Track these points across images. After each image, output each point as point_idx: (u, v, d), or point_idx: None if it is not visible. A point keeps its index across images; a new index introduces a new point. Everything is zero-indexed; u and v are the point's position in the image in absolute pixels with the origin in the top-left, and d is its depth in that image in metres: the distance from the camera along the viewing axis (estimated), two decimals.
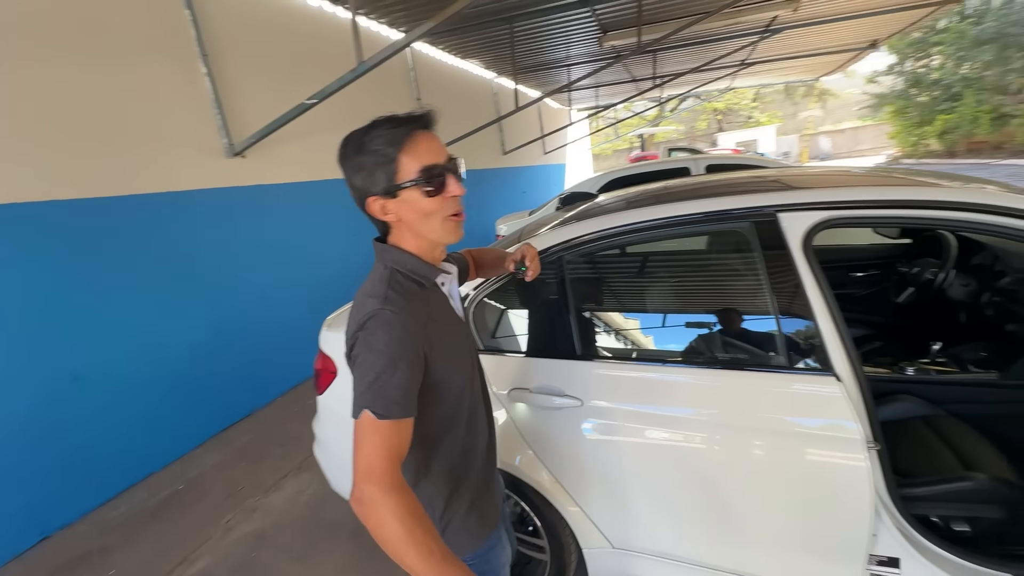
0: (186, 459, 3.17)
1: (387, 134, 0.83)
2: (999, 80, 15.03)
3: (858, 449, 1.18)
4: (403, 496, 0.73)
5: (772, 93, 29.38)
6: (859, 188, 1.37)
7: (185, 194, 3.29)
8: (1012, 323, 1.77)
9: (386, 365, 0.77)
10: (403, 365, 0.78)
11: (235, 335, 3.60)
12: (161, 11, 3.24)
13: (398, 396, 0.77)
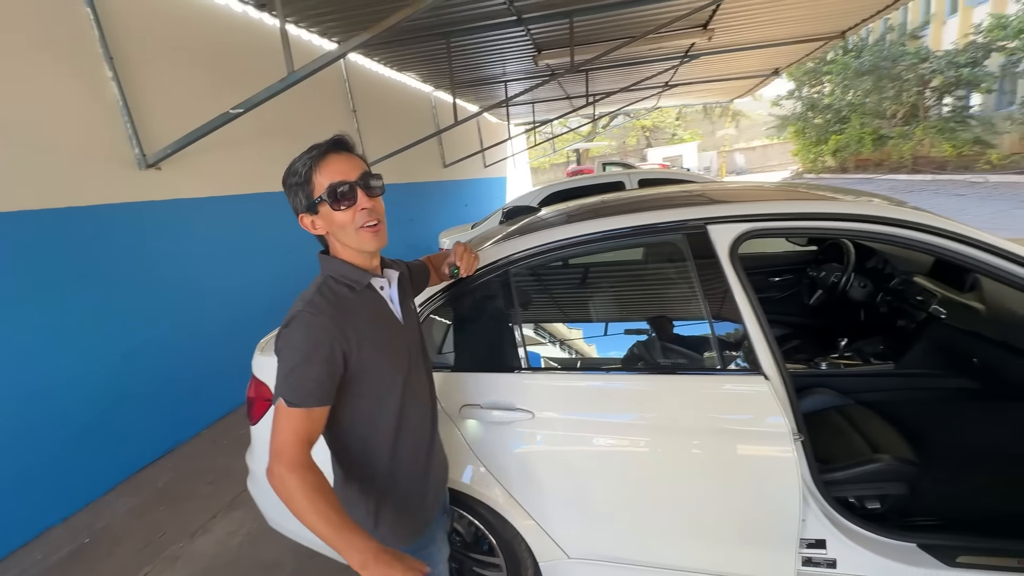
0: (93, 507, 2.80)
1: (306, 158, 0.95)
2: (877, 106, 17.27)
3: (786, 441, 1.29)
4: (307, 473, 0.85)
5: (693, 113, 31.76)
6: (776, 202, 1.52)
7: (88, 209, 2.96)
8: (902, 319, 2.02)
9: (300, 360, 0.89)
10: (317, 360, 0.89)
11: (151, 364, 3.26)
12: (57, 8, 2.92)
13: (310, 388, 0.88)
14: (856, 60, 17.01)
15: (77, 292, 2.87)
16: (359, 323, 0.95)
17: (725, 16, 6.17)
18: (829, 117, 19.54)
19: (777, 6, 6.08)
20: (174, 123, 3.48)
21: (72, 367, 2.82)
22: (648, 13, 5.72)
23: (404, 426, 1.04)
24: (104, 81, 3.13)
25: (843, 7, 6.43)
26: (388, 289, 1.07)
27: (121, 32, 3.27)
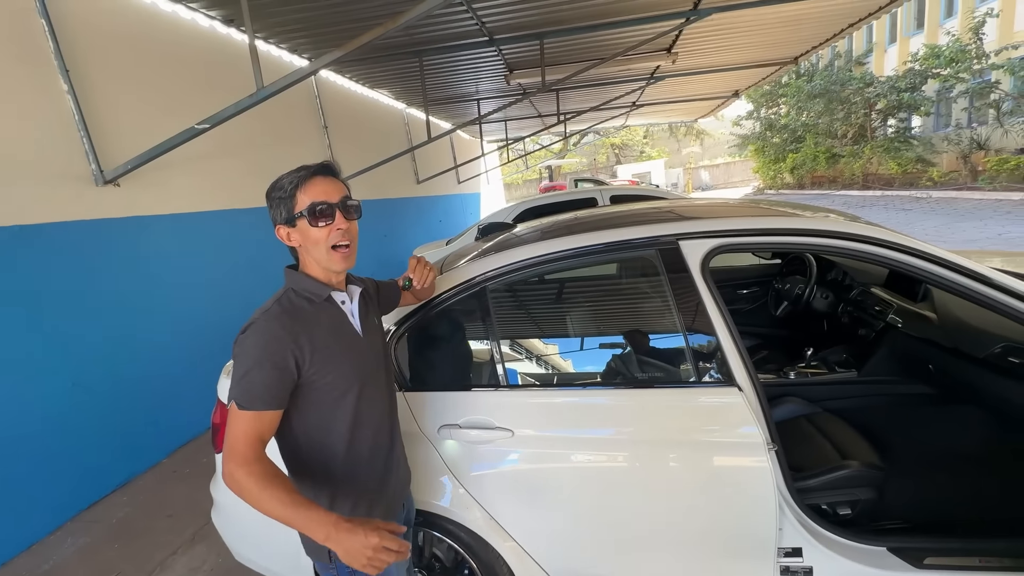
0: (37, 548, 2.58)
1: (294, 176, 1.02)
2: (829, 126, 18.38)
3: (760, 451, 1.31)
4: (257, 465, 0.89)
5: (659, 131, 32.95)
6: (745, 218, 1.58)
7: (36, 228, 2.80)
8: (863, 328, 2.11)
9: (252, 365, 0.94)
10: (268, 366, 0.94)
11: (105, 390, 3.07)
12: (8, 18, 2.79)
13: (260, 392, 0.93)
14: (808, 84, 18.10)
15: (25, 314, 2.69)
16: (315, 333, 1.01)
17: (687, 41, 6.47)
18: (786, 137, 20.64)
19: (735, 33, 6.42)
20: (135, 138, 3.35)
21: (16, 394, 2.62)
22: (615, 36, 5.94)
23: (357, 437, 1.08)
24: (59, 94, 3.00)
25: (795, 35, 6.85)
26: (349, 304, 1.12)
27: (79, 44, 3.15)
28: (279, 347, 0.95)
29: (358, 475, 1.09)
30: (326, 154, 6.17)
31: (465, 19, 4.88)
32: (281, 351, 0.94)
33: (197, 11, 4.11)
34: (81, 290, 3.00)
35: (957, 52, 12.80)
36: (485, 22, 5.01)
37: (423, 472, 1.49)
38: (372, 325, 1.17)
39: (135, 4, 3.63)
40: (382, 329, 1.25)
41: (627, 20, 5.32)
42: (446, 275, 1.61)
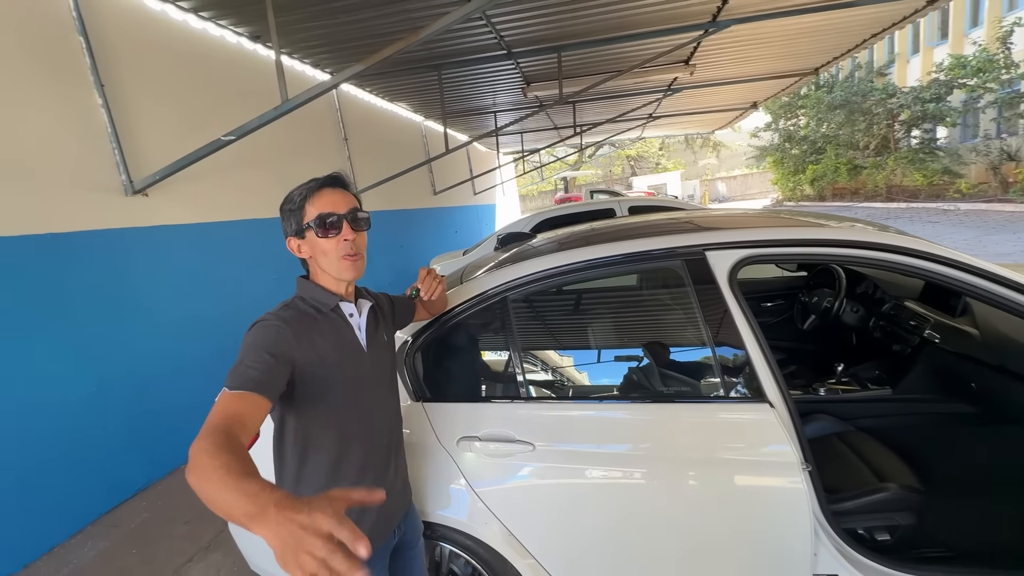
0: (58, 551, 2.61)
1: (303, 188, 1.05)
2: (850, 138, 18.06)
3: (794, 471, 1.25)
4: (215, 435, 0.75)
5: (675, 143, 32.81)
6: (773, 229, 1.53)
7: (69, 236, 2.88)
8: (897, 343, 2.03)
9: (248, 352, 0.93)
10: (264, 354, 0.92)
11: (127, 396, 3.12)
12: (49, 36, 2.92)
13: (249, 375, 0.88)
14: (828, 95, 17.85)
15: (55, 319, 2.76)
16: (316, 339, 1.01)
17: (706, 53, 6.45)
18: (805, 148, 20.34)
19: (754, 44, 6.38)
20: (163, 150, 3.46)
21: (42, 397, 2.68)
22: (633, 49, 5.95)
23: (348, 451, 1.07)
24: (94, 108, 3.11)
25: (816, 46, 6.77)
26: (357, 317, 1.12)
27: (113, 60, 3.27)
28: (278, 339, 0.96)
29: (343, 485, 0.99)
30: (346, 166, 6.28)
31: (484, 33, 4.94)
32: (279, 343, 0.95)
33: (226, 28, 4.25)
34: (107, 297, 3.07)
35: (984, 62, 12.52)
36: (504, 36, 5.08)
37: (440, 484, 1.47)
38: (380, 341, 1.17)
39: (168, 21, 3.76)
40: (392, 346, 1.24)
41: (645, 33, 5.33)
42: (466, 285, 1.60)
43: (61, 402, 2.76)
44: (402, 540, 1.24)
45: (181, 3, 3.77)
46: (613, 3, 4.51)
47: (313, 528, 0.56)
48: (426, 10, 4.17)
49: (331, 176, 1.06)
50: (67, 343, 2.82)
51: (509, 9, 4.45)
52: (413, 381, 1.54)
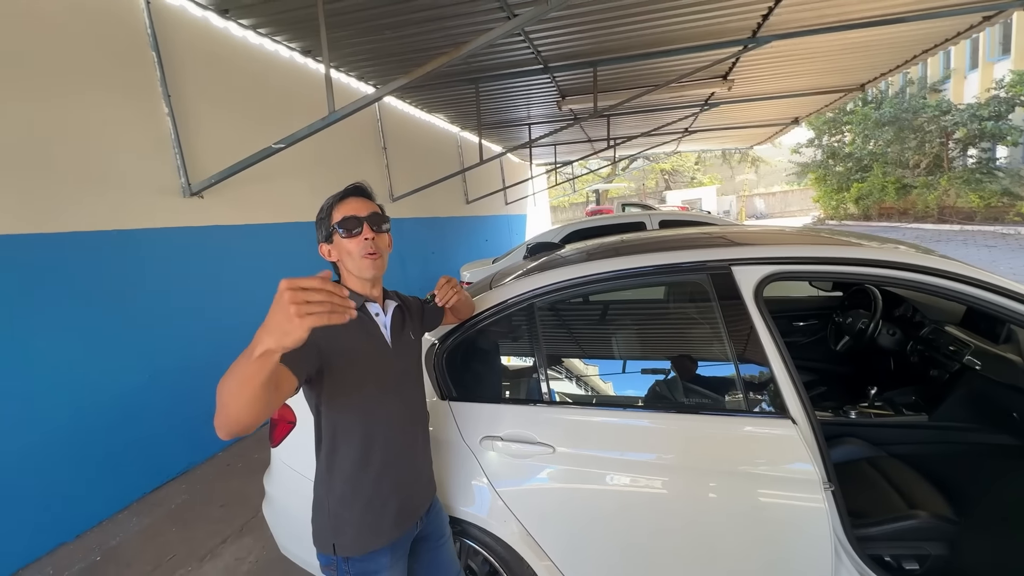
0: (106, 525, 2.81)
1: (331, 198, 1.18)
2: (900, 156, 17.29)
3: (816, 490, 1.25)
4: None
5: (712, 157, 32.23)
6: (801, 246, 1.53)
7: (132, 232, 3.13)
8: (935, 369, 1.96)
9: None
10: None
11: (174, 383, 3.33)
12: (126, 50, 3.21)
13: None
14: (876, 111, 17.19)
15: (117, 309, 3.00)
16: (342, 334, 1.08)
17: (745, 68, 6.38)
18: (851, 165, 19.58)
19: (796, 60, 6.27)
20: (219, 155, 3.72)
21: (103, 382, 2.91)
22: (670, 64, 5.96)
23: (374, 441, 1.15)
24: (161, 116, 3.39)
25: (862, 62, 6.59)
26: (383, 316, 1.22)
27: (179, 72, 3.56)
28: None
29: (370, 477, 1.14)
30: (383, 174, 6.52)
31: (522, 48, 5.08)
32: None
33: (280, 43, 4.53)
34: (163, 289, 3.31)
35: None
36: (540, 51, 5.19)
37: (463, 480, 1.52)
38: (406, 339, 1.26)
39: (229, 36, 4.05)
40: (418, 345, 1.32)
41: (682, 48, 5.33)
42: (494, 291, 1.67)
43: (118, 387, 2.99)
44: (424, 532, 1.30)
45: (242, 21, 4.05)
46: (650, 20, 4.55)
47: (280, 301, 0.73)
48: (467, 27, 4.34)
49: (354, 186, 1.19)
50: (128, 332, 3.06)
51: (547, 25, 4.56)
52: (440, 380, 1.61)
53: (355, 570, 1.14)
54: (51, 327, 2.67)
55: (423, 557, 1.31)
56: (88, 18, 2.98)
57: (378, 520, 1.16)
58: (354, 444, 1.14)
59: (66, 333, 2.74)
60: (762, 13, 4.59)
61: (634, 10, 4.32)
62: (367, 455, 1.15)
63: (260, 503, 1.91)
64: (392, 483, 1.18)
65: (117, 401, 2.98)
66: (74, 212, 2.82)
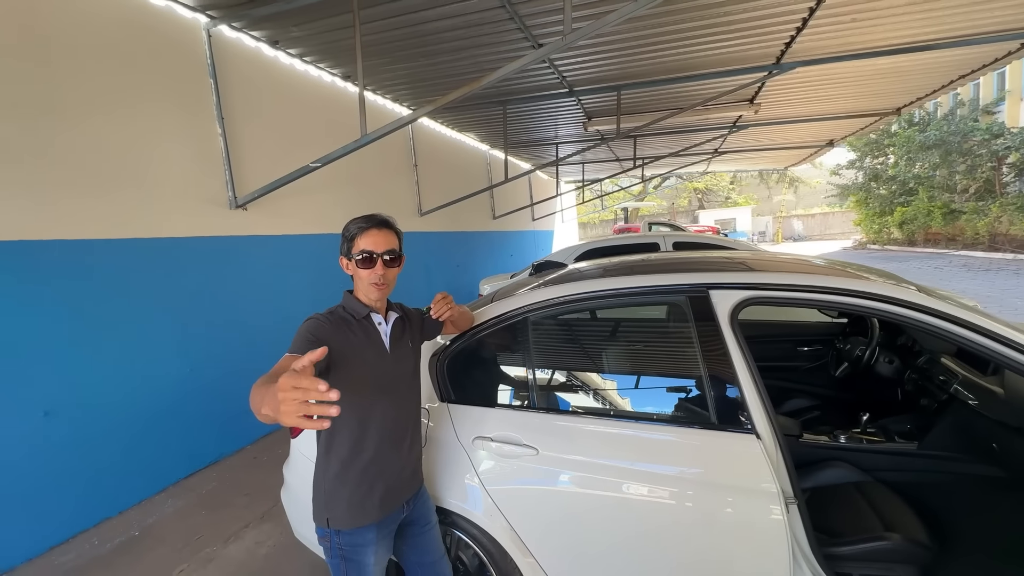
0: (145, 504, 3.09)
1: (360, 224, 1.35)
2: (947, 180, 16.56)
3: (775, 502, 1.33)
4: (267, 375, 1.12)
5: (748, 177, 31.60)
6: (779, 273, 1.63)
7: (183, 240, 3.48)
8: (925, 398, 1.98)
9: (301, 335, 1.27)
10: (311, 336, 1.25)
11: (210, 378, 3.64)
12: (188, 77, 3.61)
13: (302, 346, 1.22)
14: (921, 134, 16.58)
15: (166, 308, 3.33)
16: (349, 336, 1.31)
17: (772, 92, 6.40)
18: (894, 188, 18.86)
19: (825, 84, 6.24)
20: (262, 171, 4.07)
21: (149, 374, 3.23)
22: (693, 88, 6.06)
23: (367, 432, 1.32)
24: (215, 136, 3.77)
25: (896, 86, 6.49)
26: (384, 325, 1.40)
27: (232, 96, 3.95)
28: (321, 329, 1.27)
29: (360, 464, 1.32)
30: (414, 190, 6.85)
31: (547, 73, 5.31)
32: (321, 331, 1.27)
33: (323, 70, 4.93)
34: (204, 291, 3.64)
35: None
36: (565, 76, 5.41)
37: (457, 476, 1.67)
38: (404, 346, 1.43)
39: (276, 64, 4.45)
40: (416, 353, 1.50)
41: (704, 74, 5.44)
42: (494, 304, 1.83)
43: (164, 379, 3.31)
44: (409, 517, 1.46)
45: (290, 50, 4.45)
46: (671, 47, 4.69)
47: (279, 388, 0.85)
48: (494, 55, 4.60)
49: (381, 220, 1.37)
50: (175, 329, 3.38)
51: (571, 53, 4.78)
52: (441, 384, 1.78)
53: (345, 542, 1.32)
54: (110, 322, 3.01)
55: (410, 540, 1.46)
56: (158, 49, 3.39)
57: (365, 500, 1.33)
58: (349, 434, 1.32)
59: (122, 328, 3.07)
60: (784, 41, 4.67)
61: (655, 39, 4.48)
62: (359, 444, 1.33)
63: (280, 492, 2.10)
64: (379, 471, 1.35)
65: (161, 392, 3.30)
66: (138, 220, 3.19)
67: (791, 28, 4.36)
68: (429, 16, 3.83)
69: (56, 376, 2.74)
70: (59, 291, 2.77)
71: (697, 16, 4.04)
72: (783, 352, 2.83)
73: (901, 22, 4.32)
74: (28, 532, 2.60)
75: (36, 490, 2.63)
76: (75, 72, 2.91)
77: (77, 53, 2.92)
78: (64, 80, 2.85)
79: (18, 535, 2.55)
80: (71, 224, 2.85)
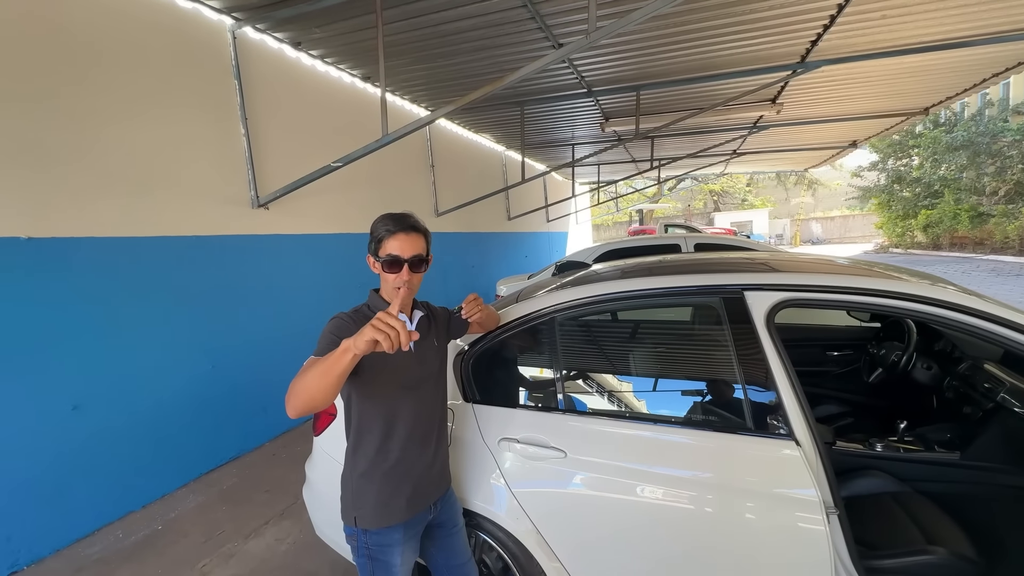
0: (168, 499, 3.13)
1: (389, 226, 1.32)
2: (975, 182, 16.07)
3: (816, 511, 1.28)
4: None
5: (765, 179, 31.13)
6: (816, 274, 1.57)
7: (206, 238, 3.53)
8: (968, 406, 1.90)
9: (325, 336, 1.27)
10: (335, 338, 1.21)
11: (233, 376, 3.68)
12: (214, 77, 3.66)
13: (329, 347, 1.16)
14: (947, 135, 16.13)
15: (183, 306, 3.38)
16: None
17: (795, 91, 6.27)
18: (919, 191, 18.37)
19: (850, 84, 6.10)
20: (284, 171, 4.12)
21: (173, 371, 3.27)
22: (714, 88, 5.97)
23: (393, 431, 1.32)
24: (238, 137, 3.81)
25: (923, 86, 6.32)
26: (409, 324, 1.36)
27: (255, 97, 4.00)
28: (344, 330, 1.25)
29: (387, 463, 1.32)
30: (431, 190, 6.87)
31: (566, 73, 5.28)
32: (345, 332, 1.22)
33: (344, 71, 4.97)
34: (226, 289, 3.68)
35: None
36: (584, 75, 5.37)
37: (482, 477, 1.65)
38: (429, 345, 1.42)
39: (299, 65, 4.50)
40: (442, 351, 1.48)
41: (726, 74, 5.35)
42: (520, 304, 1.81)
43: (187, 376, 3.35)
44: (437, 519, 1.44)
45: (312, 52, 4.50)
46: (693, 46, 4.63)
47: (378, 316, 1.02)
48: (514, 55, 4.59)
49: (410, 224, 1.33)
50: (196, 326, 3.43)
51: (590, 52, 4.74)
52: (465, 384, 1.76)
53: (372, 541, 1.31)
54: (135, 319, 3.06)
55: (439, 541, 1.44)
56: (185, 52, 3.44)
57: (392, 500, 1.32)
58: (376, 432, 1.32)
59: (146, 324, 3.12)
60: (811, 39, 4.57)
61: (677, 37, 4.42)
62: (386, 443, 1.32)
63: (299, 491, 2.10)
64: (406, 470, 1.34)
65: (184, 387, 3.34)
66: (163, 219, 3.24)
67: (818, 25, 4.26)
68: (450, 16, 3.83)
69: (85, 371, 2.80)
70: (89, 288, 2.83)
71: (722, 13, 3.97)
72: (812, 356, 2.75)
73: (934, 18, 4.19)
74: (56, 523, 2.64)
75: (64, 482, 2.68)
76: (107, 76, 2.97)
77: (109, 59, 2.98)
78: (97, 84, 2.91)
79: (47, 526, 2.60)
80: (100, 222, 2.90)
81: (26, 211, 2.58)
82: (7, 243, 2.50)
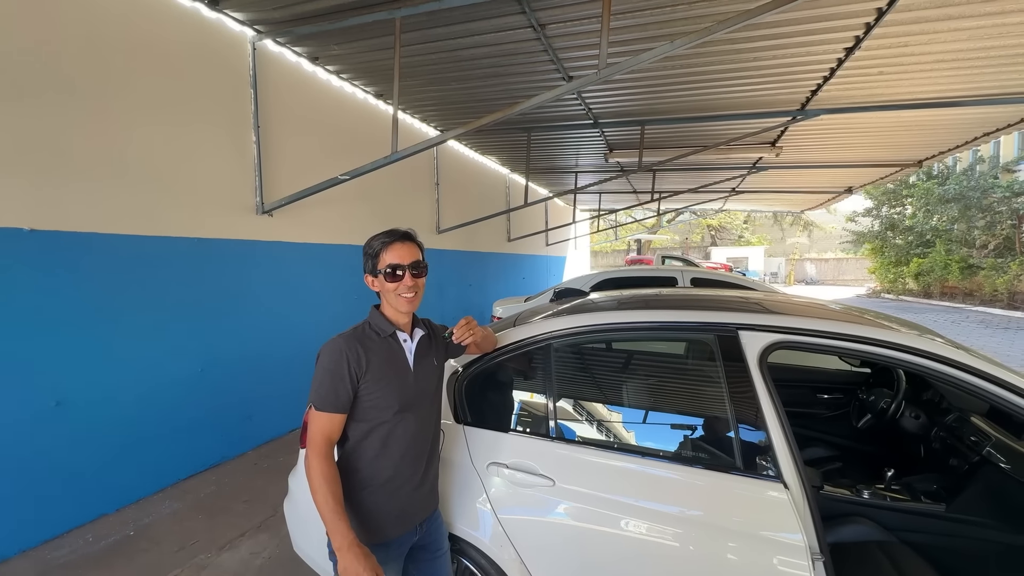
0: (143, 503, 3.06)
1: (383, 240, 1.35)
2: (966, 234, 16.43)
3: (801, 557, 1.28)
4: (326, 463, 1.23)
5: (762, 218, 31.66)
6: (810, 318, 1.60)
7: (206, 241, 3.54)
8: (954, 458, 1.91)
9: (323, 374, 1.27)
10: (336, 375, 1.26)
11: (220, 381, 3.63)
12: (231, 87, 3.74)
13: (329, 398, 1.26)
14: (940, 187, 16.57)
15: (178, 306, 3.36)
16: (372, 358, 1.30)
17: (795, 136, 6.47)
18: (911, 239, 18.74)
19: (847, 133, 6.30)
20: (290, 180, 4.17)
21: (160, 371, 3.23)
22: (717, 128, 6.15)
23: (388, 448, 1.33)
24: (249, 145, 3.87)
25: (918, 140, 6.53)
26: (409, 342, 1.40)
27: (268, 107, 4.07)
28: (343, 359, 1.26)
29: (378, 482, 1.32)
30: (434, 208, 6.94)
31: (574, 104, 5.43)
32: (345, 362, 1.26)
33: (357, 87, 5.08)
34: (223, 293, 3.68)
35: None
36: (591, 107, 5.52)
37: (468, 501, 1.63)
38: (428, 363, 1.42)
39: (313, 79, 4.60)
40: (440, 370, 1.49)
41: (730, 115, 5.52)
42: (517, 328, 1.82)
43: (173, 377, 3.31)
44: (422, 541, 1.42)
45: (328, 67, 4.61)
46: (699, 87, 4.79)
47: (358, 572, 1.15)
48: (525, 84, 4.73)
49: (404, 233, 1.36)
50: (187, 327, 3.41)
51: (599, 86, 4.88)
52: (458, 404, 1.75)
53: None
54: (125, 317, 3.04)
55: (421, 564, 1.42)
56: (205, 59, 3.53)
57: (379, 517, 1.32)
58: (369, 448, 1.32)
59: (136, 323, 3.10)
60: (811, 88, 4.74)
61: (684, 77, 4.57)
62: (378, 459, 1.32)
63: (280, 502, 2.06)
64: (396, 487, 1.33)
65: (169, 389, 3.29)
66: (165, 219, 3.25)
67: (819, 77, 4.43)
68: (466, 43, 3.95)
69: (72, 365, 2.76)
70: (85, 283, 2.82)
71: (728, 59, 4.12)
72: (802, 398, 2.77)
73: (929, 77, 4.37)
74: (26, 522, 2.57)
75: (37, 480, 2.62)
76: (131, 77, 3.03)
77: (134, 60, 3.05)
78: (120, 83, 2.97)
79: (14, 524, 2.53)
80: (105, 219, 2.92)
81: (34, 204, 2.59)
82: (8, 234, 2.50)
